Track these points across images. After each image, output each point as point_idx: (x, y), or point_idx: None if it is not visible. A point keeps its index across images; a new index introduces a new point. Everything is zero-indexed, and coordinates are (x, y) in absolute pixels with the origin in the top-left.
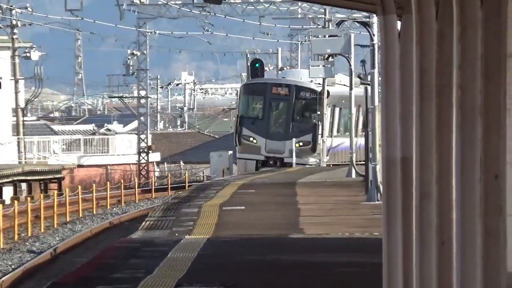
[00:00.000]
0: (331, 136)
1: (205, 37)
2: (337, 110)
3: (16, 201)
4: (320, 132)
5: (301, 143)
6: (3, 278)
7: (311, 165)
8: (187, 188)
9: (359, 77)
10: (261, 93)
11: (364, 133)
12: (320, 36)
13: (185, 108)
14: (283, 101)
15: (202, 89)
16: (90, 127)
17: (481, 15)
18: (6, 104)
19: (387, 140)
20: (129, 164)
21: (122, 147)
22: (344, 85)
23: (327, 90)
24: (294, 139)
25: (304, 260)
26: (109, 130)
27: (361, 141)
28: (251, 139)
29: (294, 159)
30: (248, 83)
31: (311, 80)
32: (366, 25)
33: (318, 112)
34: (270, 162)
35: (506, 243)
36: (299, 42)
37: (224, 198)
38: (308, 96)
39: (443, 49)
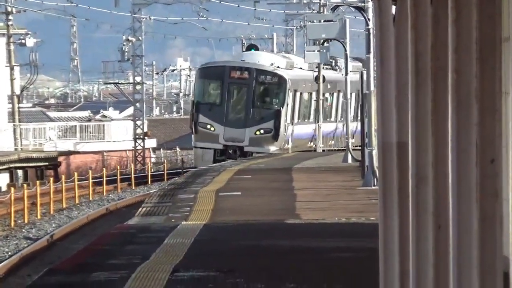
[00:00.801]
0: (292, 124)
1: (200, 22)
2: (298, 95)
3: (12, 188)
4: (284, 118)
5: (262, 131)
6: None
7: (272, 153)
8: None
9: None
10: (218, 77)
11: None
12: (315, 21)
13: (181, 94)
14: (242, 86)
15: None
16: (86, 113)
17: None
18: (2, 91)
19: (383, 125)
20: (125, 150)
21: (118, 134)
22: (301, 68)
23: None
24: (254, 126)
25: (301, 245)
26: (105, 116)
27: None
28: (208, 126)
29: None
30: (205, 67)
31: (272, 63)
32: (361, 9)
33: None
34: (230, 151)
35: (502, 228)
36: (294, 27)
37: (221, 184)
38: (269, 81)
39: (438, 33)
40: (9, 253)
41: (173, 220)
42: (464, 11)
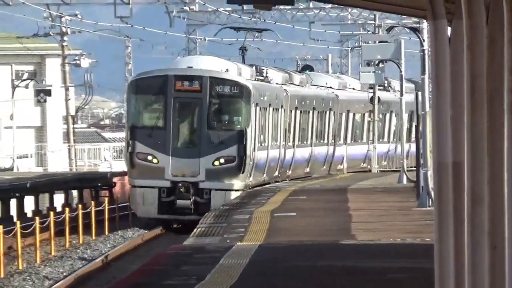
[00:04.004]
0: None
1: (255, 43)
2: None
3: (67, 208)
4: (250, 142)
5: (221, 160)
6: (54, 286)
7: (237, 190)
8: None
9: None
10: (159, 91)
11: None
12: (370, 42)
13: None
14: (193, 100)
15: None
16: None
17: None
18: (57, 111)
19: (438, 145)
20: None
21: None
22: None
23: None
24: (212, 155)
25: (356, 266)
26: None
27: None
28: (149, 157)
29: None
30: (139, 78)
31: (227, 69)
32: (416, 30)
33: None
34: (180, 190)
35: None
36: (349, 48)
37: (276, 204)
38: (228, 92)
39: (494, 53)
40: (64, 274)
41: (228, 241)
42: None
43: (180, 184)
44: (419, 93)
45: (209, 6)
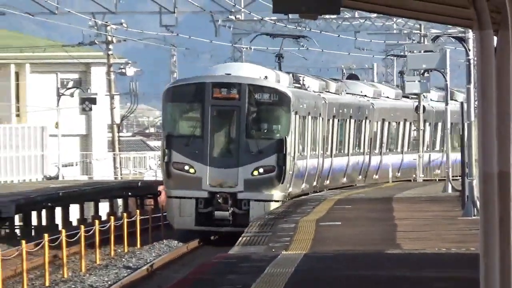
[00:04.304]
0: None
1: (301, 52)
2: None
3: (112, 217)
4: (290, 151)
5: (260, 170)
6: None
7: (276, 201)
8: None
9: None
10: (196, 99)
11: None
12: (415, 51)
13: None
14: (231, 108)
15: None
16: None
17: None
18: (102, 120)
19: (484, 154)
20: None
21: None
22: (387, 97)
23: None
24: (251, 164)
25: (401, 276)
26: None
27: (408, 157)
28: (186, 167)
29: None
30: (176, 86)
31: (266, 76)
32: (462, 40)
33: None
34: (219, 200)
35: None
36: (395, 58)
37: (321, 213)
38: (268, 99)
39: None
40: (109, 282)
41: (273, 250)
42: None
43: (218, 195)
44: (464, 103)
45: (254, 15)
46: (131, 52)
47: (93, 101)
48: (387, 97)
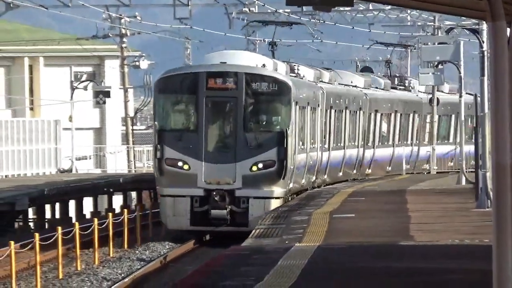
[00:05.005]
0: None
1: (315, 45)
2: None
3: (126, 210)
4: (291, 144)
5: (260, 165)
6: (113, 287)
7: (277, 198)
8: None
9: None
10: (190, 90)
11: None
12: (429, 43)
13: None
14: (227, 99)
15: None
16: None
17: None
18: (116, 113)
19: (497, 146)
20: None
21: None
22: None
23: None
24: (249, 159)
25: (414, 267)
26: None
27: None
28: (180, 163)
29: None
30: (167, 76)
31: (263, 65)
32: (476, 32)
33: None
34: (215, 198)
35: None
36: (409, 50)
37: (334, 205)
38: (266, 89)
39: None
40: (122, 275)
41: (286, 242)
42: None
43: (214, 193)
44: (478, 95)
45: (268, 7)
46: (146, 45)
47: (106, 94)
48: (376, 88)
